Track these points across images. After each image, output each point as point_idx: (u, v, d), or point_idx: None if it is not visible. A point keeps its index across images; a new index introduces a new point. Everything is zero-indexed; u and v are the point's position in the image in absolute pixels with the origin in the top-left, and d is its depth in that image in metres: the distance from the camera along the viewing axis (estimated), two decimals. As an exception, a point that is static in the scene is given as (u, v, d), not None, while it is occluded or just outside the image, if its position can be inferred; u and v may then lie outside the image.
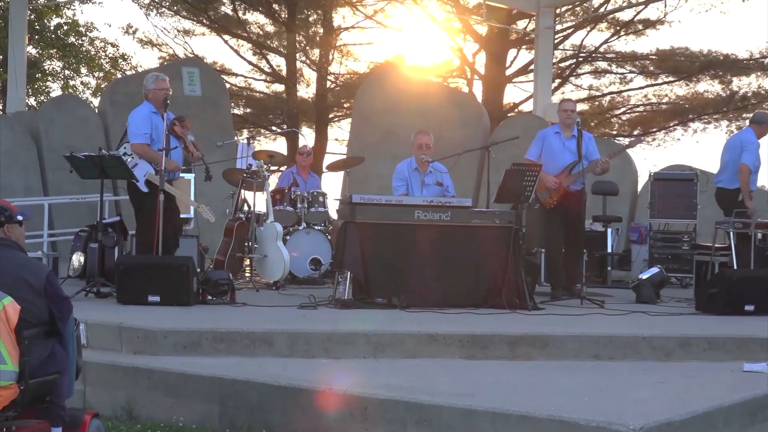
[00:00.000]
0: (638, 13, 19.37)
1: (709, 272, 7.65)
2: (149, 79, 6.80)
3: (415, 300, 6.24)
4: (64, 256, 8.57)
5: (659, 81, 20.57)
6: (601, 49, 20.53)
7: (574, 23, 19.72)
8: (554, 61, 16.95)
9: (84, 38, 23.12)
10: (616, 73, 20.81)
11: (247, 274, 8.39)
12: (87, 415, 3.66)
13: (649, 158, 33.71)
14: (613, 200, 10.32)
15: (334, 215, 8.81)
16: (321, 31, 20.81)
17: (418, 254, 6.40)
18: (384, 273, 6.36)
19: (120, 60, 23.20)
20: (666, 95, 20.84)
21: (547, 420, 3.62)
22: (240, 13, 20.77)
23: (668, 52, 19.77)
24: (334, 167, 9.52)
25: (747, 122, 9.25)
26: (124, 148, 6.74)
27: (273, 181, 11.93)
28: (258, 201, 8.21)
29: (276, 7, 20.54)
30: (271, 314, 5.89)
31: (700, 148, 37.20)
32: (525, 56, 20.41)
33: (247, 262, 8.31)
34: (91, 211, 9.98)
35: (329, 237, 8.34)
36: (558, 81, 20.16)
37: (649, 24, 19.70)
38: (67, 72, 23.38)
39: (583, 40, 20.46)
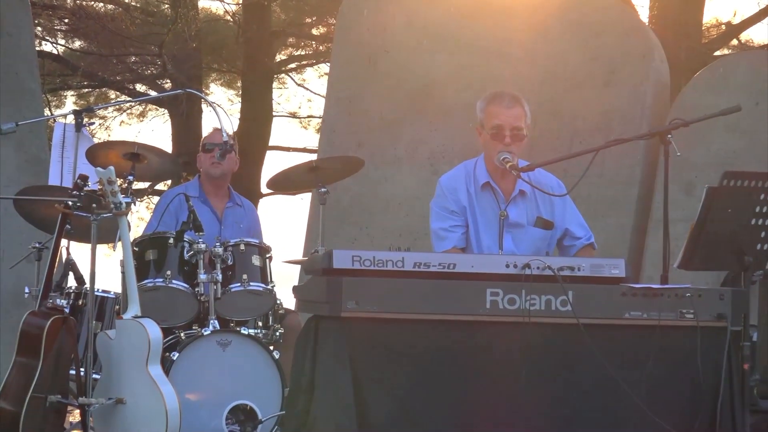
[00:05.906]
0: None
1: None
2: None
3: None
4: None
5: None
6: None
7: None
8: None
9: None
10: None
11: (75, 445, 8.49)
12: None
13: None
14: None
15: (288, 302, 8.86)
16: None
17: (495, 396, 6.55)
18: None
19: None
20: None
21: None
22: None
23: None
24: (285, 184, 9.68)
25: None
26: None
27: (141, 218, 11.85)
28: (103, 264, 8.32)
29: None
30: None
31: None
32: None
33: (77, 415, 8.36)
34: None
35: (277, 354, 8.45)
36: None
37: None
38: None
39: None
